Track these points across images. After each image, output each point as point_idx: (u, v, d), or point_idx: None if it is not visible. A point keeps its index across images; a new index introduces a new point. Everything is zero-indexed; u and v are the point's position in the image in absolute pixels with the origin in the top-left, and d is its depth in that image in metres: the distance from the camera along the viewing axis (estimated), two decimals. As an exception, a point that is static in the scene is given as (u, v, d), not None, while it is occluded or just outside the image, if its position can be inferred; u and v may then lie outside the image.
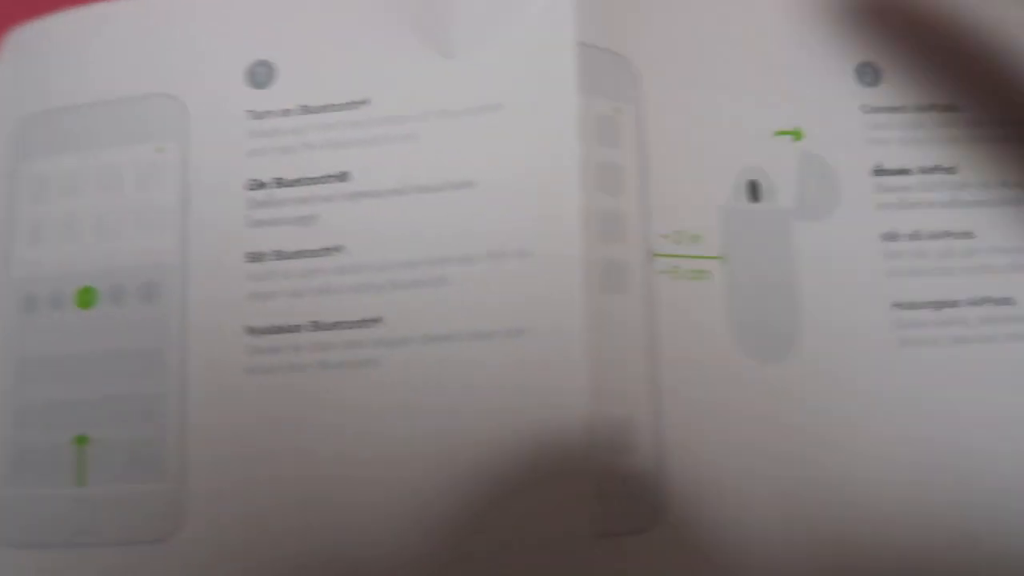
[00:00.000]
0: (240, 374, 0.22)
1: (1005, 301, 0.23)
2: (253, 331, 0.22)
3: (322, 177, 0.22)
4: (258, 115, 0.23)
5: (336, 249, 0.22)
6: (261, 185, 0.22)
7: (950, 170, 0.24)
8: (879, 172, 0.24)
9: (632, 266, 0.21)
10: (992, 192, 0.24)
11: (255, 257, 0.22)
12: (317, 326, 0.21)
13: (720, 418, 0.21)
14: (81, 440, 0.22)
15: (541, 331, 0.20)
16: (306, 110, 0.23)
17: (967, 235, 0.23)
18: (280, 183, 0.22)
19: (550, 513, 0.20)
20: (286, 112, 0.23)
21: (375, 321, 0.21)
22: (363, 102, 0.22)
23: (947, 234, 0.23)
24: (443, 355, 0.21)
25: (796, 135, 0.23)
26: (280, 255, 0.22)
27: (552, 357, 0.20)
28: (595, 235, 0.21)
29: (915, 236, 0.23)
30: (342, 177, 0.22)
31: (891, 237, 0.23)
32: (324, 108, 0.22)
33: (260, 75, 0.23)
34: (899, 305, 0.23)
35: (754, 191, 0.23)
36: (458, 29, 0.22)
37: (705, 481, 0.20)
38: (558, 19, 0.22)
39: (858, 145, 0.24)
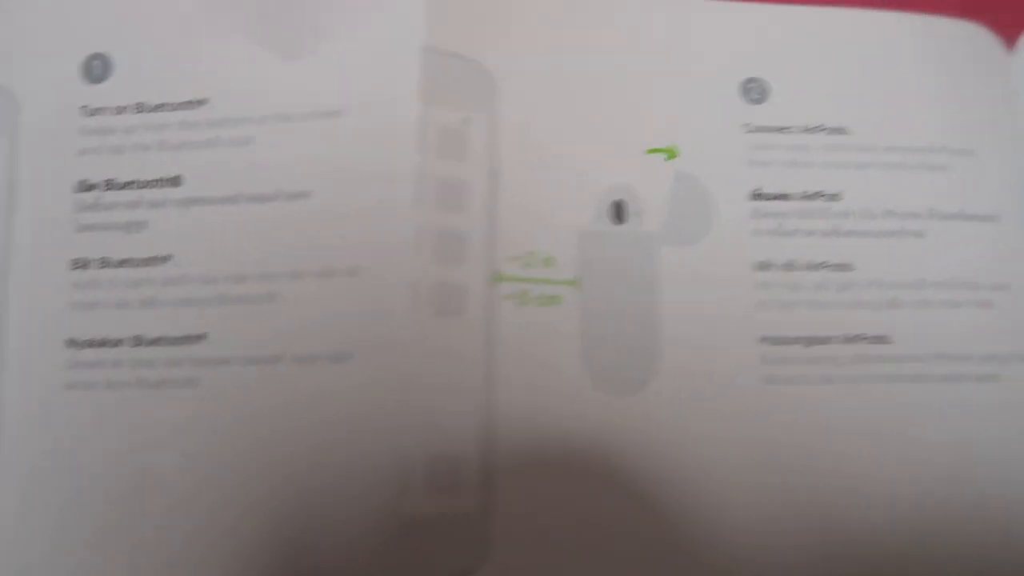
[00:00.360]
0: (58, 389, 0.20)
1: (880, 340, 0.22)
2: (74, 343, 0.20)
3: (154, 181, 0.21)
4: (91, 112, 0.21)
5: (164, 259, 0.20)
6: (91, 187, 0.21)
7: (833, 197, 0.23)
8: (758, 196, 0.22)
9: (472, 289, 0.20)
10: (876, 222, 0.23)
11: (80, 264, 0.21)
12: (138, 341, 0.20)
13: (561, 456, 0.20)
14: None
15: (367, 356, 0.19)
16: (141, 108, 0.21)
17: (846, 267, 0.22)
18: (110, 185, 0.21)
19: (360, 555, 0.18)
20: (120, 109, 0.21)
21: (199, 338, 0.20)
22: (201, 102, 0.21)
23: (824, 265, 0.22)
24: (265, 378, 0.19)
25: (670, 153, 0.22)
26: (106, 263, 0.21)
27: (377, 385, 0.19)
28: (431, 255, 0.19)
29: (790, 266, 0.22)
30: (174, 181, 0.21)
31: (764, 266, 0.22)
32: (160, 107, 0.21)
33: (96, 69, 0.22)
34: (767, 340, 0.21)
35: (619, 212, 0.21)
36: (303, 30, 0.21)
37: (537, 524, 0.19)
38: (407, 22, 0.20)
39: (737, 166, 0.22)
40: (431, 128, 0.20)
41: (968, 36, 0.24)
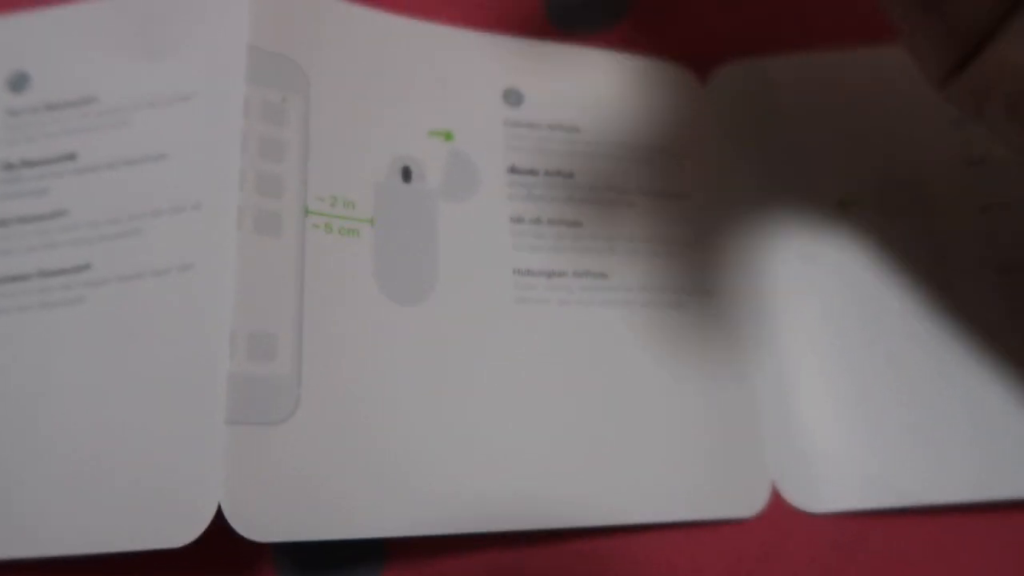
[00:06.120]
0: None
1: (601, 275, 0.28)
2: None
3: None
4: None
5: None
6: (12, 167, 0.26)
7: (569, 175, 0.29)
8: (513, 171, 0.29)
9: (286, 217, 0.25)
10: (599, 194, 0.29)
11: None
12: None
13: (355, 339, 0.25)
14: None
15: (205, 265, 0.24)
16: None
17: (576, 224, 0.29)
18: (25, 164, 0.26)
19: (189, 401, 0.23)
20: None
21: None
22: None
23: (561, 222, 0.29)
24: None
25: (447, 136, 0.28)
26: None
27: (212, 284, 0.24)
28: (251, 190, 0.24)
29: (536, 221, 0.28)
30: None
31: (517, 220, 0.28)
32: None
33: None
34: (518, 271, 0.27)
35: (406, 174, 0.27)
36: (159, 36, 0.27)
37: (337, 387, 0.24)
38: (236, 30, 0.26)
39: (498, 149, 0.29)
40: (255, 102, 0.25)
41: None
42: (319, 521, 0.22)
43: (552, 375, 0.26)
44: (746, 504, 0.26)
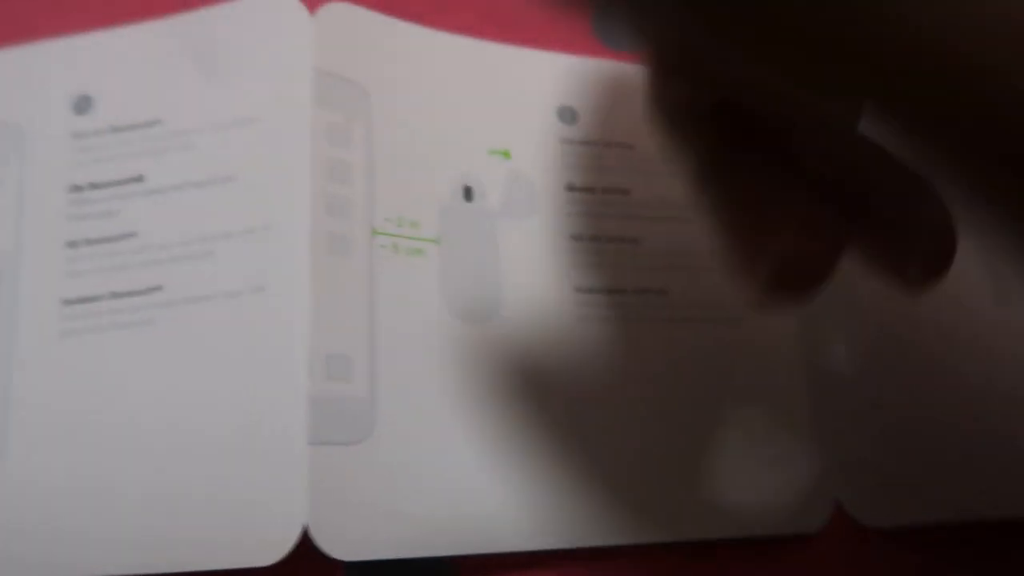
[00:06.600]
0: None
1: (661, 292, 0.29)
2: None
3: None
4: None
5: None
6: (79, 189, 0.27)
7: (625, 192, 0.30)
8: (570, 189, 0.29)
9: (355, 238, 0.25)
10: (656, 210, 0.30)
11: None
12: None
13: (424, 358, 0.25)
14: None
15: (277, 287, 0.24)
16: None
17: (634, 241, 0.29)
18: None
19: (268, 423, 0.23)
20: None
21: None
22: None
23: (620, 239, 0.29)
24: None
25: (505, 154, 0.28)
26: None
27: (285, 305, 0.24)
28: (322, 212, 0.25)
29: (595, 238, 0.29)
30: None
31: (577, 238, 0.28)
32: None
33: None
34: (579, 289, 0.28)
35: (468, 193, 0.27)
36: (222, 59, 0.27)
37: (409, 406, 0.24)
38: (300, 52, 0.26)
39: (555, 167, 0.29)
40: (320, 125, 0.25)
41: None
42: (397, 539, 0.23)
43: (616, 392, 0.27)
44: (809, 520, 0.26)
